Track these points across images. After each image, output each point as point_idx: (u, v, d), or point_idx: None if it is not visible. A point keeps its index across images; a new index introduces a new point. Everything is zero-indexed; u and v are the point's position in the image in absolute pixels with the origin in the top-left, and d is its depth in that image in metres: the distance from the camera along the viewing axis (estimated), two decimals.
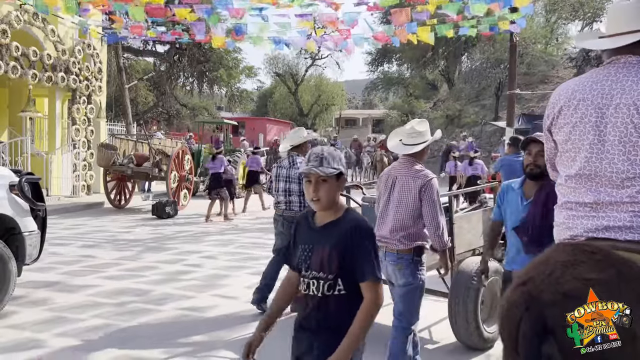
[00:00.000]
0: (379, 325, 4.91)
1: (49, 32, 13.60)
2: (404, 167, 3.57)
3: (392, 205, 3.52)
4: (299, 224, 2.33)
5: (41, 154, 14.33)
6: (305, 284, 2.19)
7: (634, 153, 1.71)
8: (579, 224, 1.78)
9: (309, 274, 2.17)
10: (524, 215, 3.09)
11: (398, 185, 3.52)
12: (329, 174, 2.09)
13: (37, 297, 5.55)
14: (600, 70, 1.87)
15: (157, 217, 11.71)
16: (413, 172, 3.51)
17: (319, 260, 2.14)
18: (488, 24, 11.66)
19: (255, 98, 50.78)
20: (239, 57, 34.00)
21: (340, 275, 2.11)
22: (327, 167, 2.10)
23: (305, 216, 2.31)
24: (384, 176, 3.68)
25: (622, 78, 1.78)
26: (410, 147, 3.56)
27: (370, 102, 59.27)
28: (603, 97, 1.78)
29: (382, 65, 42.50)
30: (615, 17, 1.90)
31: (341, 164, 2.16)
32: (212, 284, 6.24)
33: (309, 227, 2.25)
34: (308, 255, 2.20)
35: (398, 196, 3.49)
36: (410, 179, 3.48)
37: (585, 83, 1.86)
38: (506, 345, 1.63)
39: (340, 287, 2.12)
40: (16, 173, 5.31)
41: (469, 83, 31.74)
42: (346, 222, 2.15)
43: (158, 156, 13.44)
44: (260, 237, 9.47)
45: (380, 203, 3.65)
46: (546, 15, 32.34)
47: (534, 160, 3.07)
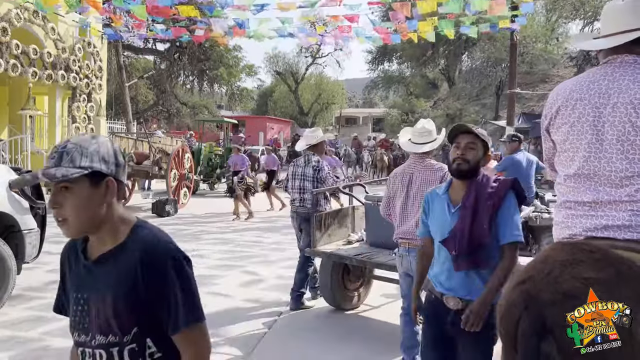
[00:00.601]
0: (379, 323, 4.93)
1: (49, 30, 13.59)
2: (417, 164, 3.68)
3: (412, 200, 3.61)
4: (68, 258, 1.55)
5: (41, 152, 14.33)
6: (90, 357, 1.44)
7: (632, 152, 1.71)
8: (577, 223, 1.78)
9: (90, 341, 1.43)
10: (453, 225, 2.49)
11: (417, 180, 3.62)
12: (70, 176, 1.34)
13: (34, 295, 5.55)
14: (597, 70, 1.88)
15: (157, 216, 11.72)
16: (429, 166, 3.64)
17: (102, 318, 1.41)
18: (489, 22, 11.67)
19: (256, 97, 50.81)
20: (239, 56, 34.01)
21: (145, 331, 1.42)
22: (69, 166, 1.36)
23: (73, 245, 1.53)
24: (398, 175, 3.74)
25: (618, 77, 1.78)
26: (421, 145, 3.66)
27: (371, 100, 59.33)
28: (600, 97, 1.79)
29: (382, 64, 42.53)
30: (610, 18, 1.91)
31: (100, 160, 1.40)
32: (207, 282, 6.24)
33: (79, 263, 1.48)
34: (84, 310, 1.44)
35: (418, 191, 3.59)
36: (429, 172, 3.60)
37: (583, 83, 1.86)
38: (505, 343, 1.64)
39: (152, 349, 1.43)
40: (16, 171, 5.31)
41: (469, 82, 31.76)
42: (133, 249, 1.42)
43: (158, 154, 13.45)
44: (259, 236, 9.49)
45: (396, 201, 3.72)
46: (547, 14, 32.33)
47: (462, 153, 2.51)
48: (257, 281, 6.37)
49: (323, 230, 5.10)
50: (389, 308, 5.40)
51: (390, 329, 4.82)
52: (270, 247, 8.46)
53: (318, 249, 4.97)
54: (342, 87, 51.74)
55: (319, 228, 5.03)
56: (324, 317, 5.14)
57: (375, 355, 4.20)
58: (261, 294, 5.84)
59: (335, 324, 4.97)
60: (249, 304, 5.48)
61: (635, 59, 1.81)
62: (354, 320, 5.09)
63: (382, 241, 4.92)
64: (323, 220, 5.12)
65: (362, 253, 4.82)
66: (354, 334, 4.68)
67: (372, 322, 5.02)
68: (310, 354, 4.23)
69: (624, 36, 1.81)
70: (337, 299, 5.16)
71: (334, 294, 5.13)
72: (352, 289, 5.32)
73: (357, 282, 5.37)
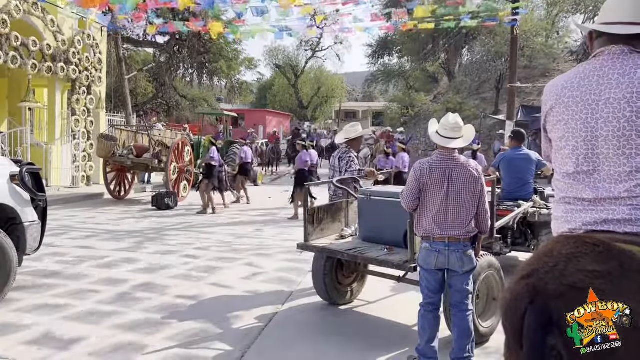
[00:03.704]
0: (380, 320, 4.95)
1: (48, 22, 13.53)
2: (452, 160, 3.73)
3: (455, 196, 3.65)
4: None
5: (41, 144, 14.31)
6: None
7: (628, 147, 1.71)
8: (577, 217, 1.79)
9: None
10: None
11: (460, 176, 3.66)
12: None
13: (35, 286, 5.57)
14: (586, 65, 1.87)
15: (157, 209, 11.73)
16: (467, 163, 3.74)
17: None
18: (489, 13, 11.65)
19: (255, 90, 50.66)
20: (239, 49, 33.88)
21: None
22: None
23: None
24: (434, 170, 3.70)
25: (608, 72, 1.78)
26: (450, 140, 3.72)
27: (371, 94, 59.17)
28: (592, 93, 1.79)
29: (382, 57, 42.35)
30: (613, 7, 1.87)
31: None
32: (207, 274, 6.26)
33: None
34: None
35: (461, 187, 3.65)
36: (471, 169, 3.69)
37: (574, 80, 1.86)
38: (509, 337, 1.64)
39: None
40: (17, 163, 5.30)
41: (469, 76, 31.63)
42: None
43: (158, 147, 13.43)
44: (259, 229, 9.50)
45: (429, 195, 3.70)
46: (547, 8, 32.20)
47: None
48: (257, 274, 6.39)
49: (316, 224, 5.06)
50: (385, 303, 5.44)
51: (386, 324, 4.85)
52: (270, 240, 8.47)
53: (310, 244, 4.94)
54: (342, 81, 51.58)
55: (311, 222, 4.99)
56: (323, 312, 5.16)
57: (373, 349, 4.22)
58: (261, 287, 5.86)
59: (335, 318, 4.99)
60: (249, 297, 5.50)
61: (622, 49, 1.79)
62: (353, 315, 5.10)
63: (375, 236, 4.91)
64: (315, 214, 5.08)
65: (355, 248, 4.77)
66: (351, 329, 4.70)
67: (369, 318, 5.02)
68: (309, 347, 4.25)
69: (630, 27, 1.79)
70: (330, 294, 5.14)
71: (327, 288, 5.10)
72: (345, 284, 5.31)
73: (351, 277, 5.36)
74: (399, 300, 5.53)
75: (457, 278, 3.70)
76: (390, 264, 4.40)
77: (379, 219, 4.87)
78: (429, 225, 3.69)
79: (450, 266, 3.66)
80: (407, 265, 4.26)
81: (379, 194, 4.97)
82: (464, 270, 3.67)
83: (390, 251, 4.64)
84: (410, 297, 5.31)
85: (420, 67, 37.62)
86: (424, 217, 3.74)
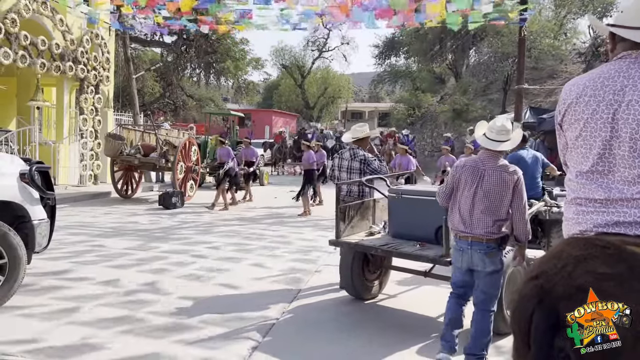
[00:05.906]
0: (393, 311, 4.95)
1: (57, 22, 13.62)
2: (491, 161, 3.74)
3: (483, 196, 3.67)
4: None
5: (49, 143, 14.40)
6: None
7: None
8: (588, 219, 1.78)
9: None
10: None
11: (491, 178, 3.68)
12: None
13: (44, 285, 5.60)
14: (611, 65, 1.85)
15: (164, 208, 11.77)
16: (504, 166, 3.71)
17: None
18: (497, 13, 11.64)
19: (262, 90, 50.71)
20: (245, 49, 33.95)
21: None
22: None
23: None
24: (467, 167, 3.78)
25: (633, 74, 1.76)
26: (498, 143, 3.72)
27: (377, 95, 59.05)
28: (615, 94, 1.77)
29: (389, 58, 42.28)
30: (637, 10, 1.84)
31: None
32: (216, 274, 6.27)
33: None
34: None
35: (490, 189, 3.66)
36: (505, 173, 3.67)
37: (597, 79, 1.84)
38: (517, 337, 1.64)
39: None
40: (26, 162, 5.33)
41: (476, 77, 31.54)
42: None
43: (165, 147, 13.48)
44: (265, 229, 9.52)
45: (459, 193, 3.78)
46: (555, 10, 32.07)
47: None
48: (265, 273, 6.40)
49: (347, 221, 5.20)
50: (405, 296, 5.62)
51: (404, 317, 4.94)
52: (277, 240, 8.48)
53: (343, 240, 5.07)
54: (349, 81, 51.54)
55: (342, 219, 5.12)
56: (333, 307, 5.18)
57: (386, 345, 4.22)
58: (270, 286, 5.87)
59: (345, 313, 5.01)
60: (258, 295, 5.51)
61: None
62: (368, 309, 5.20)
63: (405, 232, 5.04)
64: (347, 212, 5.22)
65: (387, 243, 4.93)
66: (366, 323, 4.74)
67: (387, 310, 5.16)
68: (318, 344, 4.25)
69: None
70: (357, 289, 5.30)
71: (354, 283, 5.25)
72: (371, 279, 5.47)
73: (376, 272, 5.52)
74: (413, 295, 5.70)
75: (482, 278, 3.74)
76: (426, 259, 4.60)
77: (410, 216, 5.03)
78: (457, 222, 3.79)
79: (474, 266, 3.72)
80: (443, 259, 4.38)
81: (410, 193, 5.15)
82: (487, 271, 3.70)
83: (423, 246, 4.78)
84: (426, 292, 5.59)
85: (427, 68, 37.52)
86: (453, 213, 3.83)
